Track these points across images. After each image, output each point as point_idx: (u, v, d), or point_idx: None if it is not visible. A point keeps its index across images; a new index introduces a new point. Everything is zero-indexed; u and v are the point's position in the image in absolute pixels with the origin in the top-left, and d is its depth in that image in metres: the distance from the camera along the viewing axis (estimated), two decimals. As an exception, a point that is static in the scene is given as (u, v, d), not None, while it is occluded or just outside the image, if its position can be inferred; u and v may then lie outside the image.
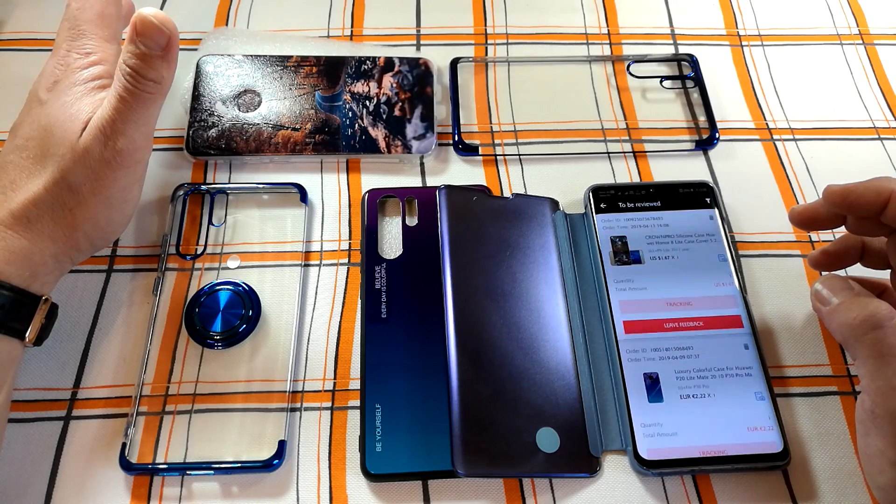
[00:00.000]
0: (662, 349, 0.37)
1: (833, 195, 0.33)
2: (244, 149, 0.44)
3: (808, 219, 0.35)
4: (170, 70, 0.34)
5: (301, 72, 0.46)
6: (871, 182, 0.32)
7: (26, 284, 0.33)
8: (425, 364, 0.37)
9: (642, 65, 0.49)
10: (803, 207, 0.35)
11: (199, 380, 0.37)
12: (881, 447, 0.29)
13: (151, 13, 0.33)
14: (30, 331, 0.33)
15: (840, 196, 0.32)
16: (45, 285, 0.34)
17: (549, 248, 0.41)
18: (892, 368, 0.28)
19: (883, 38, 0.51)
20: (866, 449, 0.30)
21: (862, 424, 0.30)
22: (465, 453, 0.33)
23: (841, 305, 0.31)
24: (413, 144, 0.44)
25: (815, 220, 0.35)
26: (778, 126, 0.47)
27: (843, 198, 0.32)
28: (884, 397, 0.28)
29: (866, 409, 0.29)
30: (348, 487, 0.35)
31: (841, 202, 0.33)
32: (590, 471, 0.35)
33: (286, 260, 0.41)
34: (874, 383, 0.29)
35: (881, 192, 0.31)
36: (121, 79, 0.33)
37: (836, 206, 0.33)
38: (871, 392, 0.29)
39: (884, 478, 0.29)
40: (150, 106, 0.34)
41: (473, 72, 0.49)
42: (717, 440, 0.35)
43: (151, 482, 0.35)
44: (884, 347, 0.29)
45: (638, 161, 0.45)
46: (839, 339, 0.32)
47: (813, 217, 0.35)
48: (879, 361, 0.29)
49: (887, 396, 0.28)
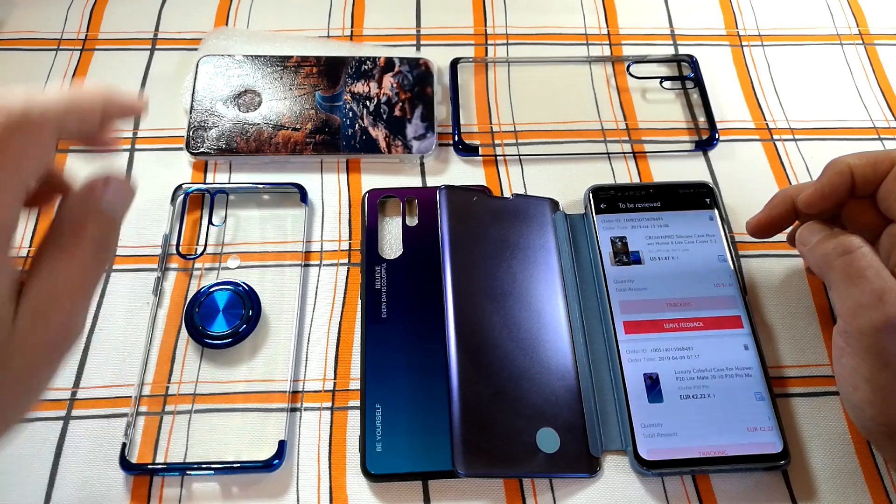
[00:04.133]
0: (662, 349, 0.37)
1: (833, 174, 0.34)
2: (244, 149, 0.44)
3: (766, 226, 0.37)
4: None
5: (301, 72, 0.46)
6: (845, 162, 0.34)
7: None
8: (425, 364, 0.37)
9: (642, 65, 0.49)
10: (757, 218, 0.37)
11: (199, 380, 0.37)
12: (854, 364, 0.30)
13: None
14: None
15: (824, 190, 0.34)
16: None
17: (549, 249, 0.41)
18: (858, 288, 0.30)
19: (883, 38, 0.51)
20: (841, 370, 0.31)
21: (836, 347, 0.31)
22: (466, 453, 0.33)
23: (818, 240, 0.33)
24: (413, 144, 0.44)
25: (771, 225, 0.36)
26: (778, 126, 0.47)
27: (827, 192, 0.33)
28: (853, 316, 0.30)
29: (840, 331, 0.31)
30: (348, 487, 0.35)
31: (823, 199, 0.34)
32: (590, 471, 0.35)
33: (286, 260, 0.41)
34: (844, 304, 0.30)
35: (878, 162, 0.33)
36: (92, 254, 0.25)
37: (832, 191, 0.34)
38: (842, 313, 0.31)
39: (858, 395, 0.30)
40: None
41: (473, 72, 0.49)
42: (716, 440, 0.35)
43: (151, 482, 0.35)
44: (852, 269, 0.30)
45: (638, 161, 0.45)
46: (816, 271, 0.33)
47: (769, 224, 0.36)
48: (848, 283, 0.30)
49: (856, 315, 0.30)
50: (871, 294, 0.29)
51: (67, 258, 0.24)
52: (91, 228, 0.25)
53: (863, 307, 0.29)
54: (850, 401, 0.31)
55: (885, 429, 0.31)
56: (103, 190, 0.26)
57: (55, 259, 0.24)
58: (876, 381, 0.29)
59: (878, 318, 0.29)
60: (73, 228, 0.25)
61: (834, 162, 0.34)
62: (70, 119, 0.25)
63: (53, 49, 0.49)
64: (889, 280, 0.29)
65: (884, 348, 0.29)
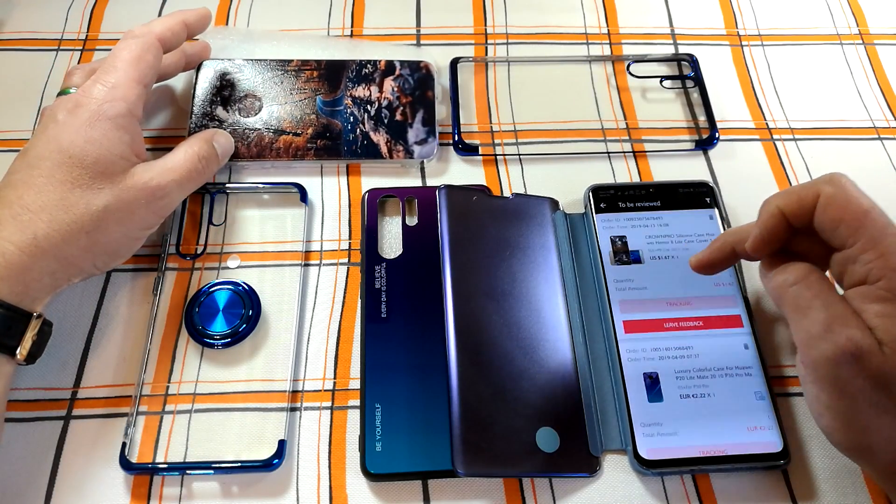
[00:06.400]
0: (662, 349, 0.37)
1: (767, 217, 0.33)
2: (245, 154, 0.44)
3: (707, 265, 0.36)
4: (218, 167, 0.42)
5: (302, 76, 0.46)
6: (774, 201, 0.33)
7: (17, 300, 0.33)
8: (425, 364, 0.37)
9: (642, 65, 0.49)
10: (698, 257, 0.36)
11: (199, 379, 0.37)
12: (815, 393, 0.30)
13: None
14: (21, 348, 0.33)
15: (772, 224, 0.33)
16: (35, 301, 0.34)
17: (549, 248, 0.41)
18: (808, 319, 0.30)
19: (883, 38, 0.51)
20: (806, 396, 0.32)
21: (800, 375, 0.31)
22: (465, 453, 0.33)
23: (774, 273, 0.33)
24: (415, 149, 0.44)
25: (712, 266, 0.36)
26: (778, 126, 0.47)
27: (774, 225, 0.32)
28: (806, 347, 0.30)
29: (799, 361, 0.31)
30: (348, 487, 0.35)
31: (765, 243, 0.33)
32: (589, 470, 0.35)
33: (286, 260, 0.41)
34: (798, 335, 0.30)
35: (803, 198, 0.32)
36: (195, 160, 0.39)
37: (776, 230, 0.33)
38: (798, 344, 0.31)
39: (823, 420, 0.31)
40: (197, 186, 0.40)
41: (473, 72, 0.49)
42: (716, 440, 0.35)
43: (151, 482, 0.35)
44: (801, 300, 0.30)
45: (638, 161, 0.45)
46: (775, 303, 0.33)
47: (710, 264, 0.36)
48: (798, 314, 0.30)
49: (808, 346, 0.30)
50: (820, 324, 0.29)
51: (182, 154, 0.38)
52: (200, 148, 0.39)
53: (813, 338, 0.29)
54: (819, 425, 0.31)
55: (853, 452, 0.31)
56: (215, 133, 0.41)
57: (175, 151, 0.39)
58: (835, 408, 0.30)
59: (828, 349, 0.29)
60: (191, 143, 0.39)
61: (765, 203, 0.33)
62: (167, 35, 0.40)
63: (54, 49, 0.49)
64: (838, 309, 0.29)
65: (838, 377, 0.29)
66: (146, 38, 0.39)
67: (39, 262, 0.33)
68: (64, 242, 0.34)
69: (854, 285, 0.31)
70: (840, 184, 0.31)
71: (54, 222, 0.33)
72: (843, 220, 0.30)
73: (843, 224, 0.30)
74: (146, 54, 0.38)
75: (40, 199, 0.34)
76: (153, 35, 0.39)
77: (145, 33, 0.39)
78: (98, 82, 0.37)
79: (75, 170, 0.34)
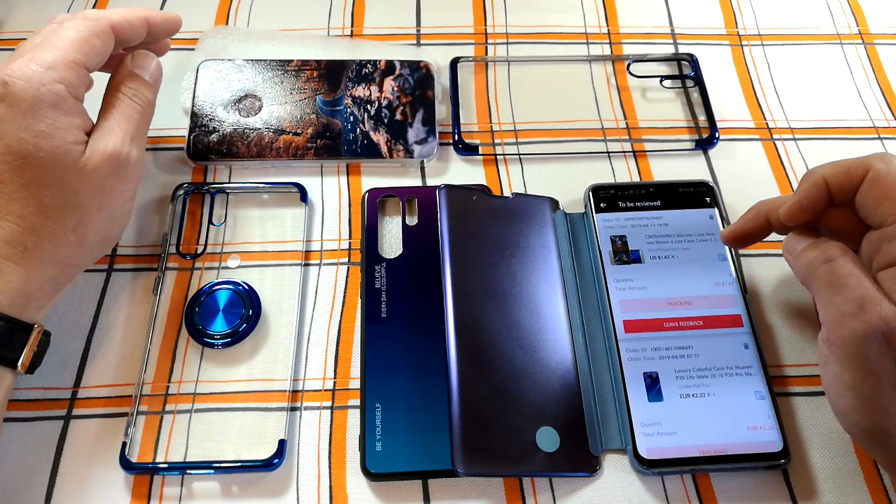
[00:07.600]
0: (662, 348, 0.37)
1: (809, 186, 0.33)
2: (245, 154, 0.44)
3: (740, 237, 0.36)
4: (155, 93, 0.39)
5: (302, 76, 0.46)
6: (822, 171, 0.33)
7: (19, 312, 0.32)
8: (425, 363, 0.37)
9: (642, 64, 0.49)
10: (731, 228, 0.36)
11: (199, 379, 0.37)
12: (838, 372, 0.30)
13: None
14: (22, 359, 0.32)
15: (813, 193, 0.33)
16: (39, 310, 0.34)
17: (549, 248, 0.41)
18: (841, 297, 0.30)
19: (883, 37, 0.51)
20: (826, 377, 0.31)
21: (821, 354, 0.31)
22: (465, 452, 0.33)
23: (802, 249, 0.33)
24: (415, 149, 0.44)
25: (744, 237, 0.36)
26: (778, 126, 0.47)
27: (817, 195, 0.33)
28: (836, 324, 0.30)
29: (823, 339, 0.31)
30: (348, 486, 0.35)
31: (802, 211, 0.33)
32: (589, 470, 0.35)
33: (286, 259, 0.41)
34: (827, 313, 0.30)
35: (853, 171, 0.32)
36: (128, 101, 0.37)
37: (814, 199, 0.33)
38: (825, 321, 0.31)
39: (842, 402, 0.30)
40: (149, 123, 0.38)
41: (473, 71, 0.49)
42: (716, 439, 0.35)
43: (151, 481, 0.35)
44: (834, 278, 0.30)
45: (638, 160, 0.45)
46: (801, 279, 0.33)
47: (742, 235, 0.36)
48: (830, 291, 0.30)
49: (838, 323, 0.30)
50: (853, 302, 0.29)
51: (113, 107, 0.36)
52: (125, 85, 0.37)
53: (844, 315, 0.29)
54: (835, 407, 0.31)
55: (869, 435, 0.31)
56: (130, 59, 0.38)
57: (105, 109, 0.36)
58: (859, 388, 0.29)
59: (860, 327, 0.29)
60: (114, 87, 0.37)
61: (809, 173, 0.33)
62: (123, 26, 0.37)
63: (54, 49, 0.49)
64: (870, 288, 0.29)
65: (866, 356, 0.29)
66: (99, 23, 0.35)
67: (37, 270, 0.33)
68: (54, 246, 0.33)
69: (886, 266, 0.31)
70: (892, 162, 0.32)
71: (41, 231, 0.33)
72: (889, 198, 0.31)
73: (889, 201, 0.31)
74: (94, 38, 0.35)
75: (16, 209, 0.32)
76: (107, 21, 0.36)
77: (99, 18, 0.36)
78: (32, 61, 0.33)
79: (35, 169, 0.32)
